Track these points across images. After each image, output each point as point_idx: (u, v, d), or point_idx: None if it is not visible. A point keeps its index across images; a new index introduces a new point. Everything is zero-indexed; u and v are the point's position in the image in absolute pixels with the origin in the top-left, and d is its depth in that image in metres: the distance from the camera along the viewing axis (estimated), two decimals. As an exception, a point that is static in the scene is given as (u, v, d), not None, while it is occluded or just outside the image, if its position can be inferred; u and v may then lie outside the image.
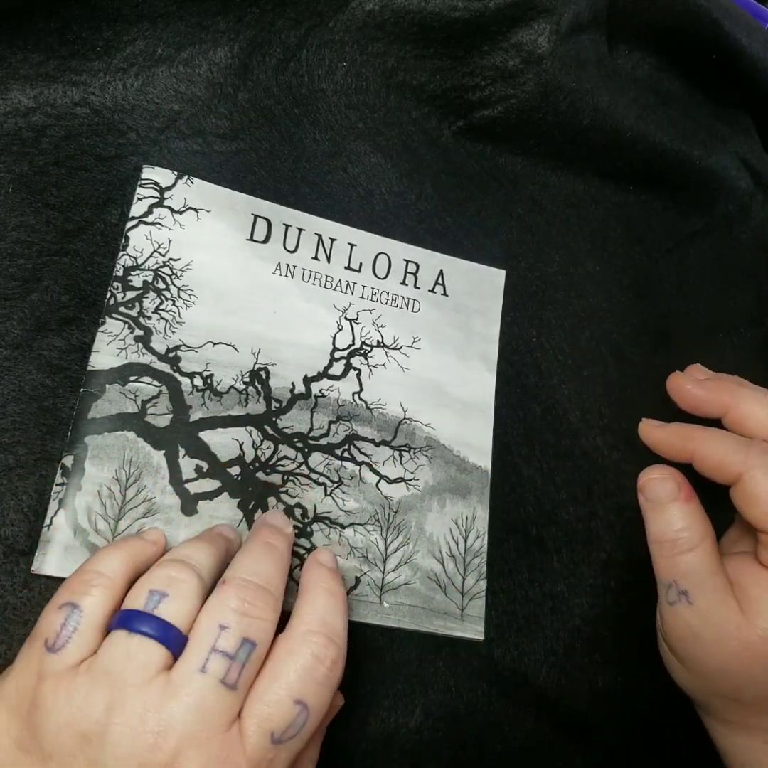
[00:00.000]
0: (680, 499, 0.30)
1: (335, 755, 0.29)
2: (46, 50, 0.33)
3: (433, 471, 0.33)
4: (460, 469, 0.34)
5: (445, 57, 0.38)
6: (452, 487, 0.33)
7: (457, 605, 0.32)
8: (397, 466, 0.33)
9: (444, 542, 0.32)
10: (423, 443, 0.34)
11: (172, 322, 0.31)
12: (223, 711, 0.22)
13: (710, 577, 0.28)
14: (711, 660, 0.28)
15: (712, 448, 0.30)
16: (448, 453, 0.34)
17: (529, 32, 0.38)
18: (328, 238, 0.35)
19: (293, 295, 0.34)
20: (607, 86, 0.40)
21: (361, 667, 0.30)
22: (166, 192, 0.33)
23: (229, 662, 0.22)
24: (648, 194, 0.43)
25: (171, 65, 0.35)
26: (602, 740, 0.33)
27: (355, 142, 0.38)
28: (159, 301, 0.31)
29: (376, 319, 0.35)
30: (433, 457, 0.34)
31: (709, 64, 0.44)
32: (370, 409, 0.33)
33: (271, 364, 0.32)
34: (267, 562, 0.25)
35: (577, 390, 0.37)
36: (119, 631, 0.23)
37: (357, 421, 0.33)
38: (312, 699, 0.22)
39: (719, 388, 0.33)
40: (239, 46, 0.36)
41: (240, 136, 0.36)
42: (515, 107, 0.39)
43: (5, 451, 0.28)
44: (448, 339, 0.36)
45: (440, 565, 0.32)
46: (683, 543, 0.29)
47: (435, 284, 0.37)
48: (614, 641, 0.33)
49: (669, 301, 0.41)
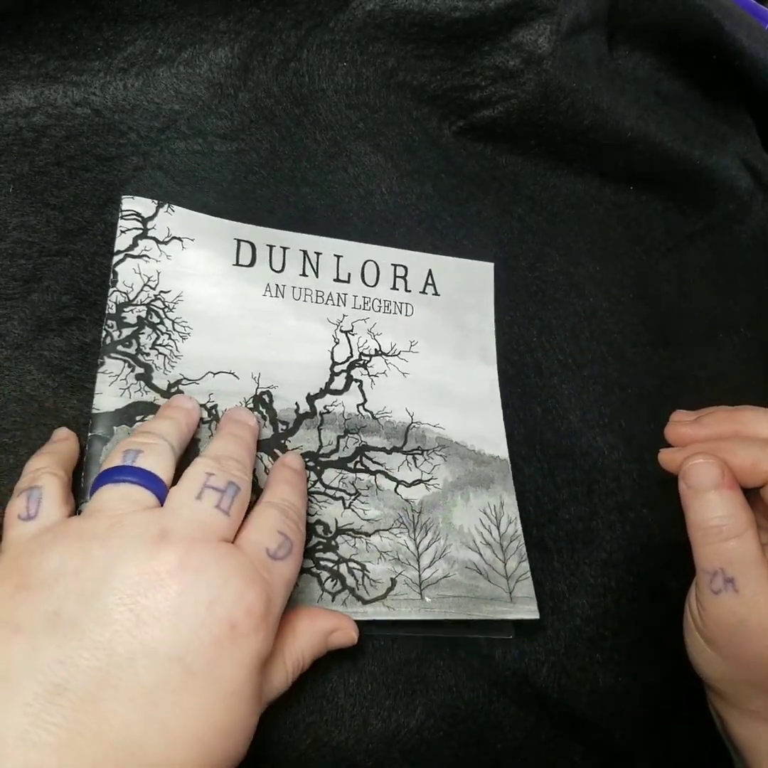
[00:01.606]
0: (725, 485, 0.29)
1: (336, 755, 0.29)
2: (46, 50, 0.33)
3: (450, 468, 0.33)
4: (477, 462, 0.34)
5: (445, 57, 0.38)
6: (473, 480, 0.33)
7: (504, 589, 0.32)
8: (413, 469, 0.33)
9: (476, 532, 0.32)
10: (435, 444, 0.34)
11: (171, 356, 0.31)
12: (219, 528, 0.24)
13: (756, 564, 0.28)
14: (755, 647, 0.28)
15: (743, 454, 0.30)
16: (462, 449, 0.34)
17: (530, 32, 0.38)
18: (314, 253, 0.35)
19: (286, 315, 0.34)
20: (608, 86, 0.40)
21: (361, 667, 0.30)
22: (148, 222, 0.33)
23: (220, 494, 0.25)
24: (648, 194, 0.43)
25: (171, 65, 0.35)
26: (603, 740, 0.33)
27: (356, 142, 0.38)
28: (155, 336, 0.31)
29: (371, 327, 0.35)
30: (447, 456, 0.34)
31: (710, 64, 0.44)
32: (376, 418, 0.33)
33: (273, 387, 0.32)
34: (234, 446, 0.28)
35: (577, 390, 0.37)
36: (104, 486, 0.25)
37: (365, 432, 0.33)
38: (290, 532, 0.26)
39: (717, 420, 0.32)
40: (240, 46, 0.36)
41: (240, 136, 0.36)
42: (516, 107, 0.39)
43: (6, 451, 0.29)
44: (444, 339, 0.36)
45: (477, 554, 0.32)
46: (729, 529, 0.29)
47: (425, 285, 0.37)
48: (614, 641, 0.33)
49: (669, 301, 0.41)
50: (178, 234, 0.33)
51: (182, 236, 0.33)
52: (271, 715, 0.29)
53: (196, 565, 0.23)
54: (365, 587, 0.30)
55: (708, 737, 0.32)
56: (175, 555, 0.23)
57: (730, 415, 0.32)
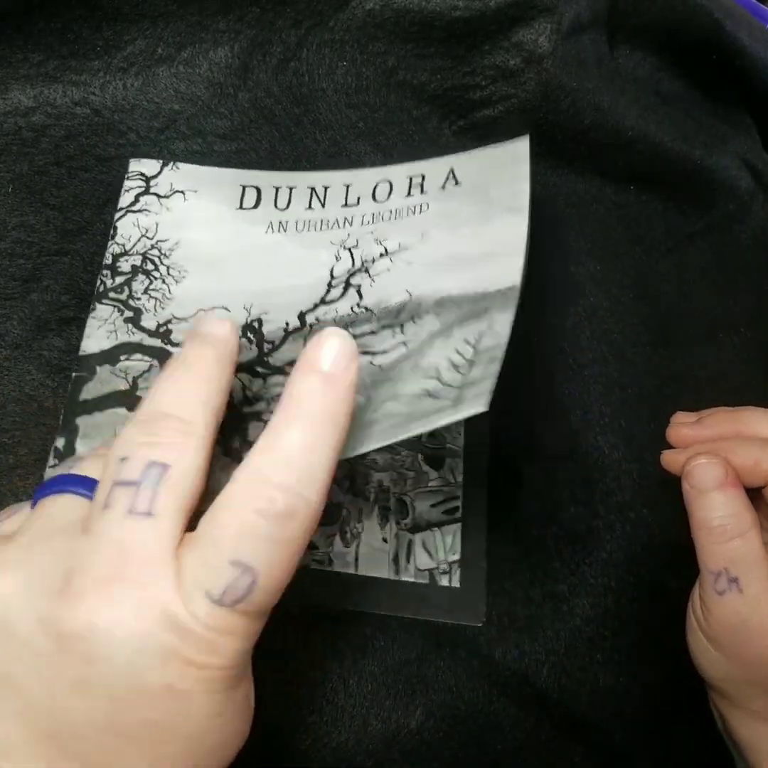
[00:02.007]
0: (728, 485, 0.29)
1: (336, 755, 0.29)
2: (46, 50, 0.33)
3: (441, 318, 0.28)
4: (475, 301, 0.28)
5: (445, 56, 0.38)
6: (462, 317, 0.27)
7: (450, 398, 0.24)
8: (397, 336, 0.28)
9: (445, 362, 0.26)
10: (431, 305, 0.28)
11: (162, 299, 0.31)
12: (140, 548, 0.18)
13: (759, 564, 0.28)
14: (756, 647, 0.28)
15: (744, 453, 0.30)
16: (461, 297, 0.28)
17: (530, 32, 0.38)
18: (322, 187, 0.33)
19: (287, 246, 0.32)
20: (608, 86, 0.40)
21: (361, 667, 0.30)
22: (152, 180, 0.33)
23: (134, 490, 0.18)
24: (648, 194, 0.43)
25: (171, 65, 0.35)
26: (603, 740, 0.33)
27: (356, 142, 0.38)
28: (148, 281, 0.31)
29: (378, 236, 0.32)
30: (441, 311, 0.28)
31: (710, 64, 0.44)
32: (370, 310, 0.30)
33: (264, 313, 0.30)
34: (179, 387, 0.20)
35: (577, 390, 0.37)
36: (45, 497, 0.20)
37: (355, 325, 0.29)
38: (256, 560, 0.18)
39: (718, 421, 0.32)
40: (239, 45, 0.36)
41: (240, 136, 0.36)
42: (516, 107, 0.39)
43: (6, 451, 0.28)
44: (464, 217, 0.31)
45: (435, 380, 0.25)
46: (733, 529, 0.29)
47: (445, 182, 0.32)
48: (615, 641, 0.33)
49: (669, 301, 0.41)
50: (180, 188, 0.33)
51: (185, 189, 0.33)
52: (271, 715, 0.29)
53: (106, 626, 0.17)
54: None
55: (708, 737, 0.32)
56: (79, 618, 0.17)
57: (731, 416, 0.32)
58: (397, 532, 0.32)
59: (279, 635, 0.30)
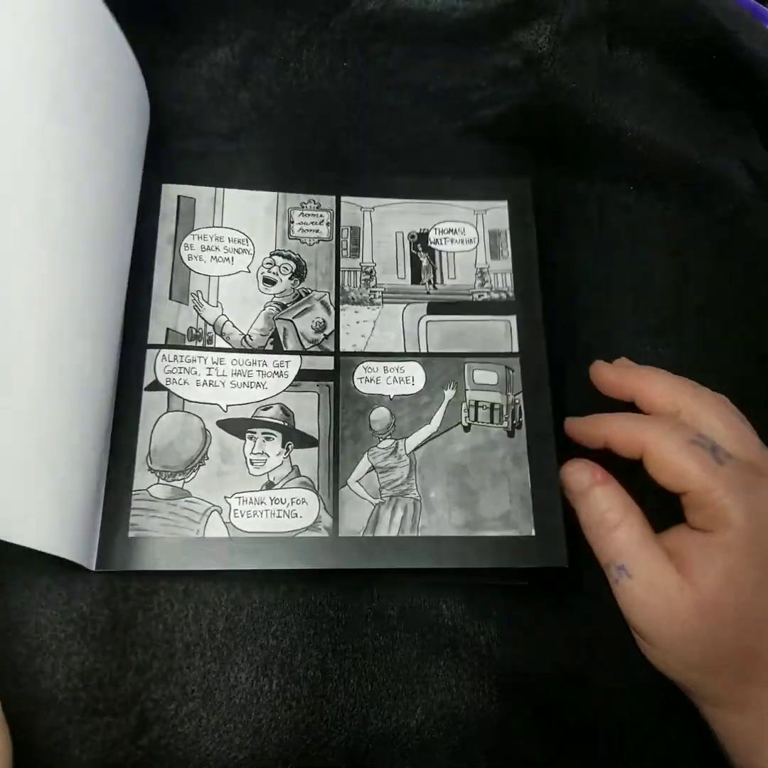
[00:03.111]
0: (598, 483, 0.31)
1: (336, 755, 0.29)
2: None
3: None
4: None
5: (445, 57, 0.38)
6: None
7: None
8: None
9: None
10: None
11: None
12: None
13: (643, 548, 0.29)
14: (668, 629, 0.28)
15: (617, 427, 0.31)
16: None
17: (530, 32, 0.38)
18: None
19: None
20: (608, 86, 0.40)
21: (361, 667, 0.30)
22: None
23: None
24: (648, 194, 0.43)
25: (171, 65, 0.35)
26: (603, 740, 0.33)
27: (356, 142, 0.38)
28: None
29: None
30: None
31: (710, 64, 0.44)
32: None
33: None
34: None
35: (577, 390, 0.37)
36: None
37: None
38: None
39: (630, 372, 0.34)
40: (240, 46, 0.36)
41: (240, 137, 0.36)
42: (516, 107, 0.39)
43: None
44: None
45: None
46: (609, 521, 0.30)
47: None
48: (615, 641, 0.33)
49: (669, 301, 0.41)
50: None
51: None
52: (270, 716, 0.29)
53: None
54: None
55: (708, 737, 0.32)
56: None
57: (642, 373, 0.34)
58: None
59: (279, 635, 0.30)
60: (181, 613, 0.30)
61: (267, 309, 0.34)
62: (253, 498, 0.31)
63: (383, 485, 0.32)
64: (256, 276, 0.34)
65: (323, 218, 0.35)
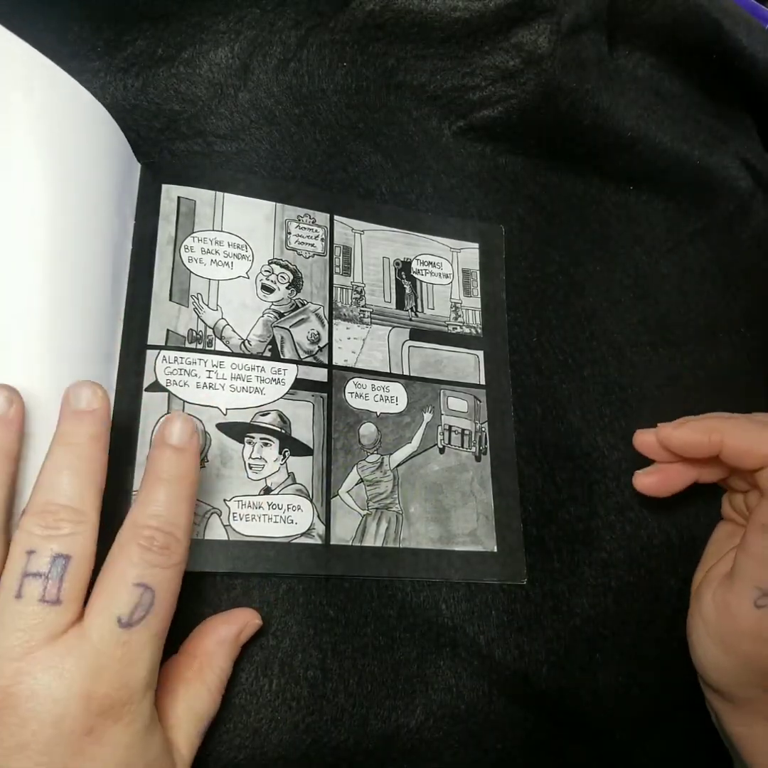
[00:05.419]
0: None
1: (336, 755, 0.29)
2: (46, 51, 0.33)
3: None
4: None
5: (445, 57, 0.38)
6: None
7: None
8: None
9: None
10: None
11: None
12: (49, 626, 0.22)
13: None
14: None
15: (739, 435, 0.29)
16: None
17: (530, 32, 0.38)
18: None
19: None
20: (608, 86, 0.40)
21: (361, 667, 0.30)
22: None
23: (44, 581, 0.22)
24: (648, 194, 0.43)
25: (171, 65, 0.35)
26: (603, 740, 0.33)
27: (356, 142, 0.38)
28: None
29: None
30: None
31: (709, 64, 0.44)
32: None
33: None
34: (64, 473, 0.23)
35: (577, 390, 0.37)
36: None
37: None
38: (151, 577, 0.23)
39: (703, 420, 0.32)
40: (240, 46, 0.36)
41: (240, 137, 0.36)
42: (516, 107, 0.39)
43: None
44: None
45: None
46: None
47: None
48: (614, 641, 0.33)
49: (669, 301, 0.41)
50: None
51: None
52: (271, 716, 0.29)
53: (26, 693, 0.21)
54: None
55: (708, 737, 0.32)
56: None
57: (716, 417, 0.32)
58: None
59: (279, 635, 0.30)
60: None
61: (265, 316, 0.34)
62: (251, 502, 0.31)
63: (370, 497, 0.33)
64: (255, 282, 0.34)
65: (318, 234, 0.36)
